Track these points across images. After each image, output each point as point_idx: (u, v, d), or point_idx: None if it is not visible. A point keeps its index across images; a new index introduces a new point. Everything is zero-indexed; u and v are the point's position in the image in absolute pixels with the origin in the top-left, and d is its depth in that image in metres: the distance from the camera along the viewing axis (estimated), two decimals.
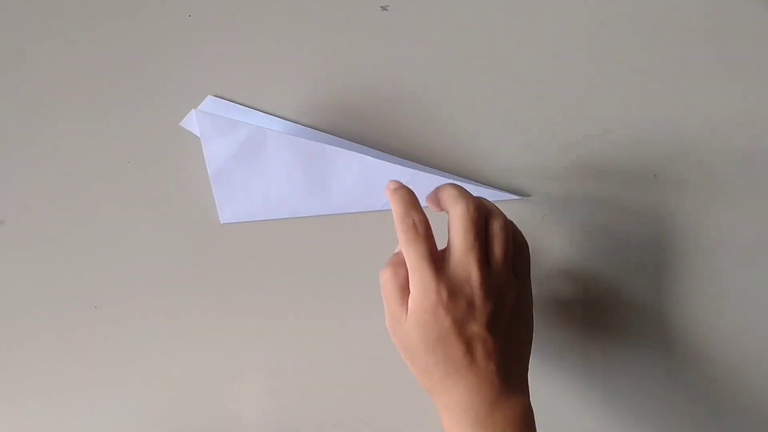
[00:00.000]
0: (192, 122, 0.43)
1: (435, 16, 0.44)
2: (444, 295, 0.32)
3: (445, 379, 0.33)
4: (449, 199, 0.34)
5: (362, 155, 0.42)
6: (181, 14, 0.45)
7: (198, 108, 0.43)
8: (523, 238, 0.37)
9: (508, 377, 0.33)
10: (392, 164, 0.41)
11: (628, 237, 0.42)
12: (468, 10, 0.43)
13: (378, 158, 0.42)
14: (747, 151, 0.41)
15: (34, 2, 0.46)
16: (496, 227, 0.34)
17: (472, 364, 0.33)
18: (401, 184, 0.35)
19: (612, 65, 0.42)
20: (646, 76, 0.42)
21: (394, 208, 0.34)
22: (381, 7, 0.44)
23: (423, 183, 0.41)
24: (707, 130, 0.42)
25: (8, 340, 0.44)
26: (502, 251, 0.34)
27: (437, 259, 0.33)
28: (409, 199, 0.34)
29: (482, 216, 0.34)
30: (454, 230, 0.33)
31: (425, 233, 0.33)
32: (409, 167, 0.42)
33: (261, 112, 0.44)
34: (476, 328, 0.32)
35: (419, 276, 0.32)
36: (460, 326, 0.32)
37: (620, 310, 0.42)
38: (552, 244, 0.42)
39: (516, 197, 0.42)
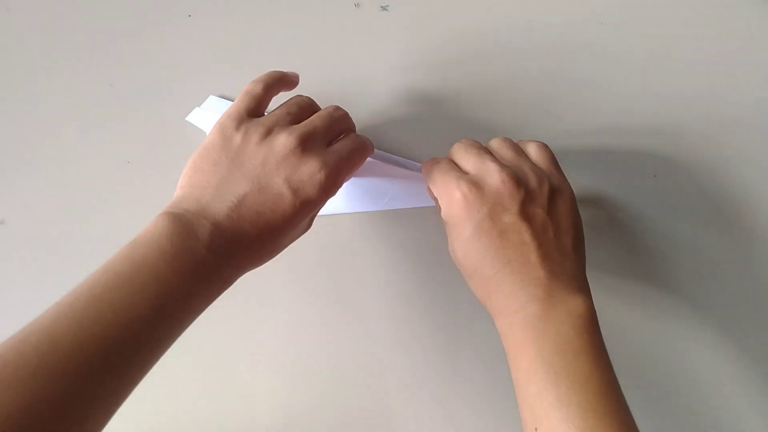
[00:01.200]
0: (198, 117, 0.43)
1: (435, 16, 0.44)
2: (464, 188, 0.32)
3: (490, 283, 0.32)
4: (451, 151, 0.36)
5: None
6: (181, 14, 0.45)
7: (201, 107, 0.44)
8: (540, 142, 0.37)
9: (557, 273, 0.31)
10: (392, 165, 0.41)
11: (628, 237, 0.42)
12: (468, 10, 0.44)
13: (378, 158, 0.42)
14: (747, 152, 0.41)
15: (36, 4, 0.46)
16: (493, 142, 0.36)
17: (513, 261, 0.31)
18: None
19: (612, 65, 0.42)
20: (645, 77, 0.42)
21: (424, 169, 0.37)
22: (381, 7, 0.44)
23: (423, 182, 0.41)
24: (707, 130, 0.42)
25: None
26: (507, 147, 0.35)
27: (457, 170, 0.34)
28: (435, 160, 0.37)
29: (475, 141, 0.36)
30: (455, 153, 0.35)
31: (447, 160, 0.35)
32: (409, 167, 0.42)
33: None
34: (508, 217, 0.31)
35: (442, 185, 0.34)
36: (491, 218, 0.32)
37: (619, 311, 0.42)
38: None
39: None
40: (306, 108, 0.36)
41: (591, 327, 0.30)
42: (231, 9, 0.45)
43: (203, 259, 0.29)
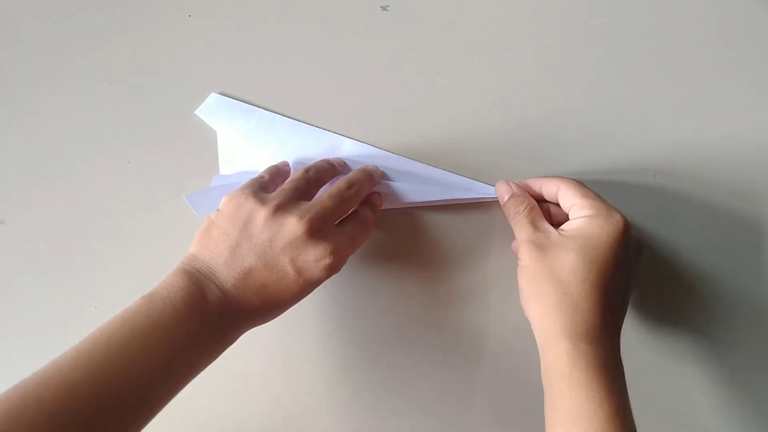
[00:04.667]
0: (203, 114, 0.44)
1: (435, 16, 0.44)
2: (627, 223, 0.34)
3: (543, 319, 0.33)
4: (553, 181, 0.38)
5: (369, 146, 0.42)
6: (181, 14, 0.45)
7: (201, 106, 0.44)
8: None
9: (615, 322, 0.34)
10: (397, 161, 0.42)
11: None
12: (467, 10, 0.44)
13: (382, 158, 0.42)
14: (747, 151, 0.41)
15: (36, 4, 0.46)
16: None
17: (608, 289, 0.33)
18: (509, 188, 0.39)
19: (612, 65, 0.42)
20: (645, 76, 0.42)
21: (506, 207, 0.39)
22: (381, 7, 0.44)
23: (424, 174, 0.42)
24: (707, 130, 0.42)
25: (8, 340, 0.44)
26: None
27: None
28: (516, 194, 0.39)
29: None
30: (575, 195, 0.36)
31: (528, 211, 0.37)
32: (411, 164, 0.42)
33: (263, 110, 0.44)
34: (625, 264, 0.34)
35: (606, 208, 0.35)
36: (626, 255, 0.33)
37: None
38: None
39: None
40: (313, 183, 0.37)
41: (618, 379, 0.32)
42: (231, 9, 0.45)
43: (211, 321, 0.32)
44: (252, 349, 0.43)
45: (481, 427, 0.42)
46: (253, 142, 0.43)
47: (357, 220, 0.37)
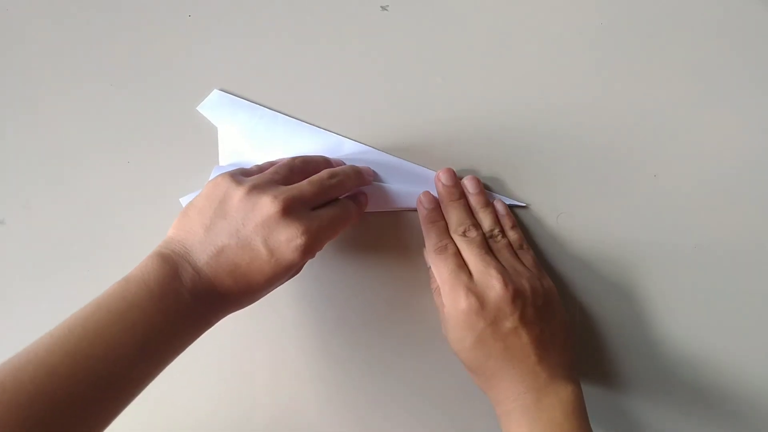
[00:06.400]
0: (206, 110, 0.44)
1: (435, 16, 0.44)
2: (472, 299, 0.35)
3: (491, 378, 0.36)
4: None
5: (369, 146, 0.43)
6: (181, 14, 0.45)
7: (204, 102, 0.44)
8: (519, 232, 0.40)
9: (552, 366, 0.35)
10: (397, 162, 0.42)
11: (629, 237, 0.42)
12: (467, 10, 0.44)
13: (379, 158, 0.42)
14: (747, 152, 0.41)
15: (36, 4, 0.46)
16: (485, 221, 0.40)
17: (514, 359, 0.35)
18: (432, 205, 0.40)
19: (612, 65, 0.42)
20: (645, 76, 0.42)
21: (427, 233, 0.39)
22: (381, 7, 0.44)
23: (423, 177, 0.42)
24: (707, 130, 0.42)
25: (8, 341, 0.44)
26: (504, 247, 0.39)
27: (464, 272, 0.36)
28: (441, 226, 0.39)
29: (475, 234, 0.39)
30: (453, 225, 0.39)
31: (454, 252, 0.38)
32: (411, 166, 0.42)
33: (264, 108, 0.44)
34: (510, 323, 0.35)
35: (449, 285, 0.36)
36: (493, 327, 0.35)
37: (619, 309, 0.42)
38: (554, 246, 0.42)
39: (518, 203, 0.42)
40: (297, 171, 0.37)
41: (579, 412, 0.34)
42: (231, 9, 0.45)
43: (185, 300, 0.32)
44: (254, 349, 0.43)
45: (484, 423, 0.42)
46: (253, 139, 0.43)
47: (336, 206, 0.36)
